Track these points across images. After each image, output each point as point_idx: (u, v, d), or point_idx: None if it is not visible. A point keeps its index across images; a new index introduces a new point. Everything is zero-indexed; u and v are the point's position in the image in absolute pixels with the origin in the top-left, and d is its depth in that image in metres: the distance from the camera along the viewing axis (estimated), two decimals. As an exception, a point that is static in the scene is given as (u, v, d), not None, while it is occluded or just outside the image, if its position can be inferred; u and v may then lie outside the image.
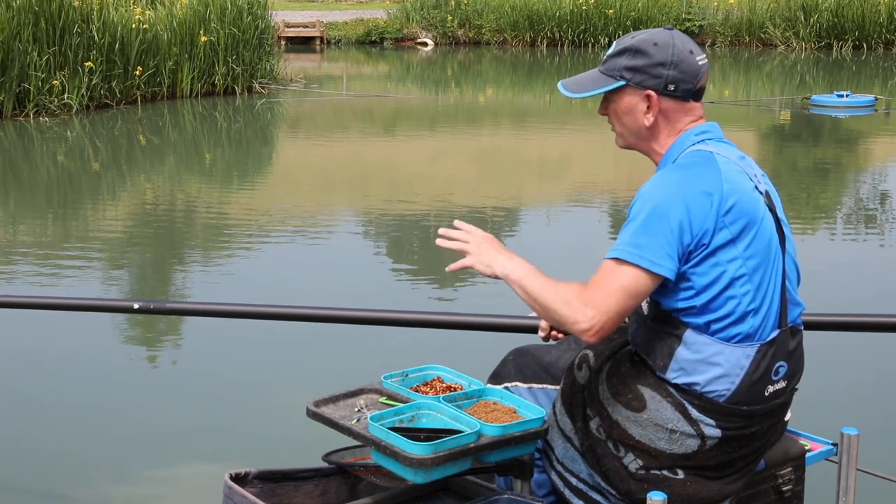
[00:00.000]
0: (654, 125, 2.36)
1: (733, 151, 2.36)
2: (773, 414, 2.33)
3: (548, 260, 7.39)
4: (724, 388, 2.24)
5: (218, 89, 16.35)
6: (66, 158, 11.78)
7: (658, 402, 2.27)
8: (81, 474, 4.09)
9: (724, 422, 2.25)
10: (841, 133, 14.43)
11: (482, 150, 13.15)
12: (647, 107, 2.34)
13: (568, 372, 2.46)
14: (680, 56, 2.32)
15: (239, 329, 5.76)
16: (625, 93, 2.35)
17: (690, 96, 2.35)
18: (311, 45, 26.81)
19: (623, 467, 2.32)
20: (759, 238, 2.25)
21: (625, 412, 2.31)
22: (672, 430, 2.26)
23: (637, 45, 2.34)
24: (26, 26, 13.55)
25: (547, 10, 25.83)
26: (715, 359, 2.24)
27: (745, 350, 2.24)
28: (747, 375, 2.24)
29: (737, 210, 2.23)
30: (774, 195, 2.38)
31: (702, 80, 2.36)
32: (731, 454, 2.30)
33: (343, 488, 2.64)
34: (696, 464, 2.29)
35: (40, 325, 5.89)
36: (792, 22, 25.07)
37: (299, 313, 3.36)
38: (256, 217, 9.05)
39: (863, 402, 4.79)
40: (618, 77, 2.35)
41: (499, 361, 2.70)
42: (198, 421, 4.56)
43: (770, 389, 2.28)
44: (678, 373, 2.26)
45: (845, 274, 7.08)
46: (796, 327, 2.35)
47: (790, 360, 2.32)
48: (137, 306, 3.42)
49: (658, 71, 2.31)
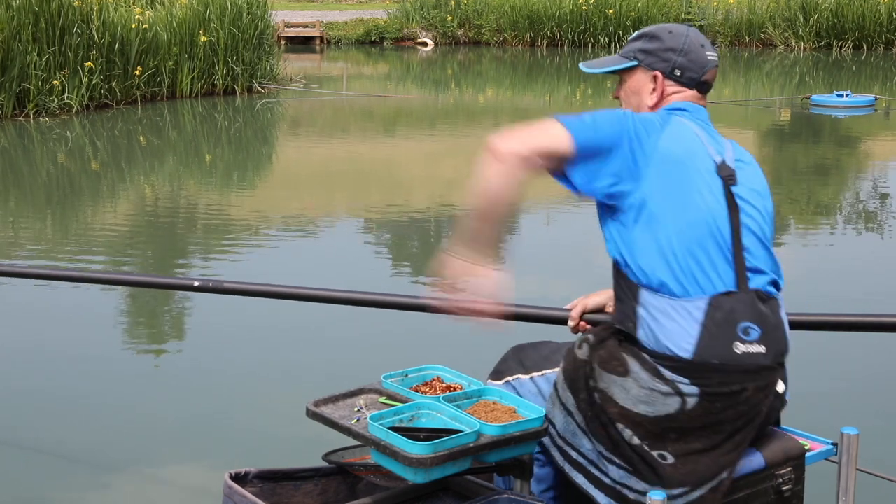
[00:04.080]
0: (654, 106, 2.49)
1: (700, 126, 2.43)
2: (757, 376, 2.31)
3: (548, 260, 7.43)
4: (686, 344, 2.27)
5: (218, 89, 16.35)
6: (66, 158, 11.78)
7: (637, 366, 2.32)
8: (80, 472, 4.09)
9: (698, 378, 2.27)
10: (841, 133, 14.43)
11: (482, 150, 13.14)
12: (654, 88, 2.49)
13: (568, 353, 2.50)
14: (690, 46, 2.48)
15: (239, 329, 5.77)
16: (636, 73, 2.53)
17: (694, 85, 2.49)
18: (311, 45, 26.81)
19: (621, 437, 2.35)
20: (688, 193, 2.31)
21: (609, 378, 2.35)
22: (651, 390, 2.29)
23: (654, 31, 2.52)
24: (26, 26, 13.55)
25: (547, 10, 25.83)
26: (670, 315, 2.29)
27: (696, 303, 2.28)
28: (704, 328, 2.27)
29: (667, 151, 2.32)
30: (747, 174, 2.43)
31: (708, 73, 2.50)
32: (717, 415, 2.30)
33: (343, 488, 2.64)
34: (681, 426, 2.29)
35: (40, 324, 5.89)
36: (792, 22, 25.07)
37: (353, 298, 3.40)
38: (256, 217, 9.05)
39: (863, 402, 4.79)
40: (631, 58, 2.51)
41: (497, 359, 2.73)
42: (197, 420, 4.56)
43: (741, 348, 2.29)
44: (645, 333, 2.32)
45: (845, 273, 7.08)
46: (765, 293, 2.35)
47: (763, 324, 2.32)
48: (197, 284, 3.47)
49: (668, 55, 2.48)
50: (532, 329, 3.07)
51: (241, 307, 6.00)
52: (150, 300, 6.54)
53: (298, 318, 5.83)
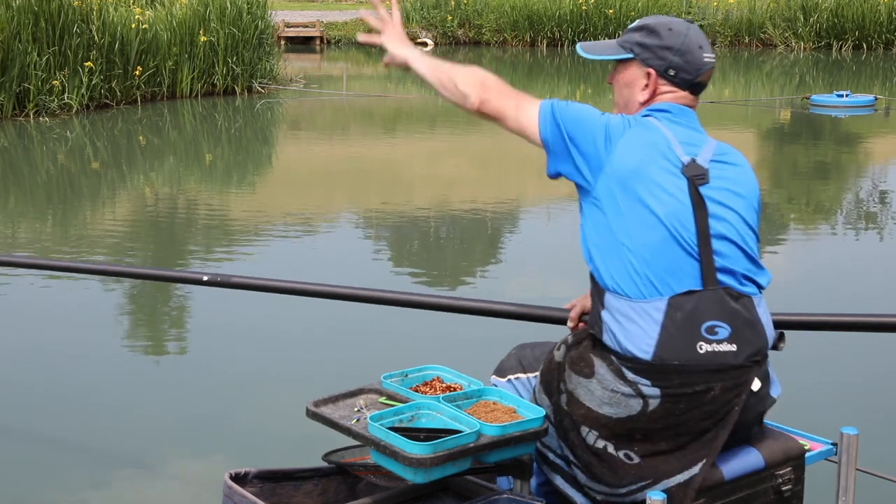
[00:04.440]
0: (645, 102, 2.48)
1: (679, 129, 2.42)
2: (724, 375, 2.28)
3: (548, 259, 7.43)
4: (646, 346, 2.27)
5: (218, 89, 16.35)
6: (66, 158, 11.78)
7: (603, 368, 2.32)
8: (80, 471, 4.08)
9: (658, 380, 2.27)
10: (841, 133, 14.43)
11: (482, 150, 13.14)
12: (646, 84, 2.48)
13: (548, 353, 2.52)
14: (688, 47, 2.45)
15: (239, 329, 5.76)
16: (631, 66, 2.51)
17: (687, 86, 2.47)
18: (311, 45, 26.81)
19: (583, 440, 2.36)
20: (641, 199, 2.32)
21: (577, 379, 2.37)
22: (613, 391, 2.30)
23: (654, 25, 2.49)
24: (26, 26, 13.55)
25: (547, 10, 25.83)
26: (631, 317, 2.29)
27: (655, 304, 2.28)
28: (664, 329, 2.27)
29: (618, 164, 2.34)
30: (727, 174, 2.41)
31: (702, 75, 2.48)
32: (679, 416, 2.28)
33: (343, 488, 2.65)
34: (644, 427, 2.29)
35: (40, 322, 5.89)
36: (792, 22, 25.07)
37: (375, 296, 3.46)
38: (256, 217, 9.05)
39: (862, 402, 4.79)
40: (628, 50, 2.50)
41: (497, 361, 2.75)
42: (197, 420, 4.56)
43: (706, 347, 2.27)
44: (609, 337, 2.32)
45: (845, 273, 7.08)
46: (736, 291, 2.33)
47: (732, 321, 2.30)
48: (206, 278, 3.55)
49: (664, 54, 2.46)
50: (534, 329, 3.08)
51: (240, 308, 6.00)
52: (150, 300, 6.55)
53: (298, 318, 5.84)
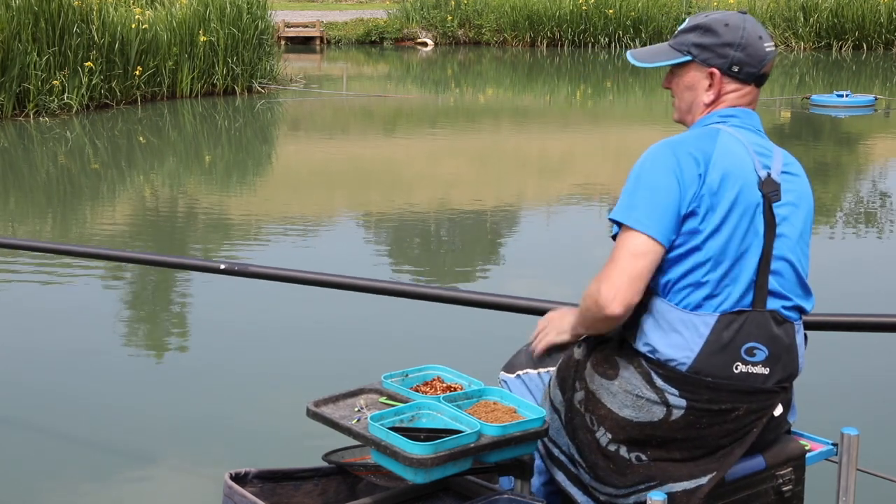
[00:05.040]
0: (711, 103, 2.41)
1: (750, 136, 2.37)
2: (752, 397, 2.29)
3: (548, 259, 7.43)
4: (684, 357, 2.26)
5: (218, 89, 16.35)
6: (66, 158, 11.78)
7: (629, 371, 2.31)
8: (79, 471, 4.08)
9: (687, 392, 2.26)
10: (841, 133, 14.43)
11: (482, 150, 13.15)
12: (710, 84, 2.40)
13: (568, 349, 2.51)
14: (748, 39, 2.38)
15: (239, 329, 5.76)
16: (690, 68, 2.42)
17: (752, 80, 2.40)
18: (311, 45, 26.82)
19: (594, 441, 2.36)
20: (733, 212, 2.27)
21: (599, 381, 2.36)
22: (638, 395, 2.29)
23: (708, 23, 2.40)
24: (26, 26, 13.55)
25: (547, 10, 25.83)
26: (676, 327, 2.27)
27: (704, 318, 2.26)
28: (707, 344, 2.26)
29: (718, 180, 2.26)
30: (792, 186, 2.37)
31: (766, 66, 2.41)
32: (700, 430, 2.28)
33: (343, 488, 2.64)
34: (663, 435, 2.29)
35: (40, 322, 5.89)
36: (792, 22, 25.08)
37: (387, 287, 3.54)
38: (256, 217, 9.05)
39: (863, 402, 4.79)
40: (685, 52, 2.42)
41: (497, 361, 2.74)
42: (197, 420, 4.56)
43: (741, 368, 2.27)
44: (645, 341, 2.31)
45: (845, 274, 7.08)
46: (781, 316, 2.32)
47: (772, 345, 2.30)
48: (223, 267, 3.62)
49: (725, 51, 2.38)
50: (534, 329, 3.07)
51: (240, 308, 6.01)
52: (150, 300, 6.55)
53: (299, 318, 5.84)
